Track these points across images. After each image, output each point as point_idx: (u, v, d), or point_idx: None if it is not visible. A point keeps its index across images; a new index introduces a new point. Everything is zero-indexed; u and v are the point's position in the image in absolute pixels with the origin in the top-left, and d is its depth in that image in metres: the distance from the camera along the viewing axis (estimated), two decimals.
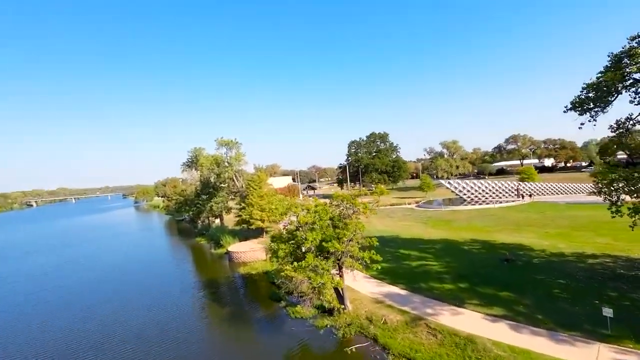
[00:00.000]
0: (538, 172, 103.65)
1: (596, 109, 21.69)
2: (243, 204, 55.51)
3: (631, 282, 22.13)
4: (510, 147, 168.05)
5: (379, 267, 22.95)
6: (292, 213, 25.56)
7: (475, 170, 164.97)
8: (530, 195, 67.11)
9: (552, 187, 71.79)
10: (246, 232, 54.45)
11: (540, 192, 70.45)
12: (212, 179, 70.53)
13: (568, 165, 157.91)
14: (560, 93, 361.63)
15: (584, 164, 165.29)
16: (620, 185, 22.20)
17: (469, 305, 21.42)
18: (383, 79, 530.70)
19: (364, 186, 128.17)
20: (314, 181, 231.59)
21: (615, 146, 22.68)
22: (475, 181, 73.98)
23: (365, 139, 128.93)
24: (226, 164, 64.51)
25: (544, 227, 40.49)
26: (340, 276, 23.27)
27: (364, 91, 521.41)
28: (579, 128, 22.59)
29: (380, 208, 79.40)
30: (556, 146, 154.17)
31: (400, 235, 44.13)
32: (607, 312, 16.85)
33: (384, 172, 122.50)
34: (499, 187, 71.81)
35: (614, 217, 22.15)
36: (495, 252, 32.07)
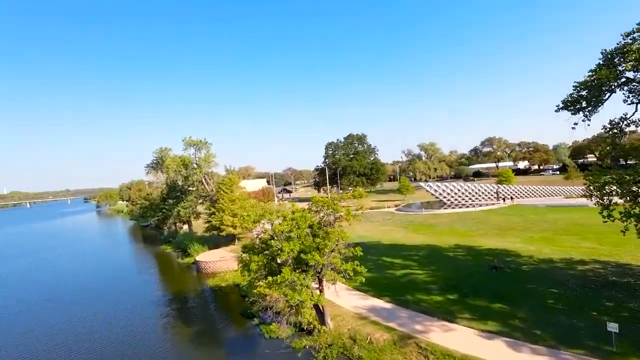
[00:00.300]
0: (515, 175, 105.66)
1: (589, 108, 20.67)
2: (213, 209, 52.32)
3: (625, 289, 21.14)
4: (486, 149, 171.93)
5: (363, 279, 21.01)
6: (266, 220, 23.07)
7: (453, 173, 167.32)
8: (511, 198, 67.48)
9: (530, 190, 72.65)
10: (216, 239, 51.22)
11: (519, 194, 71.06)
12: (179, 182, 66.75)
13: (541, 167, 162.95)
14: (535, 96, 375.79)
15: (554, 166, 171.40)
16: (613, 188, 21.24)
17: (461, 320, 19.66)
18: (360, 79, 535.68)
19: (342, 189, 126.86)
20: (290, 184, 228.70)
21: (608, 147, 21.66)
22: (454, 184, 73.85)
23: (343, 140, 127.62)
24: (195, 165, 61.01)
25: (527, 231, 39.89)
26: (321, 291, 21.03)
27: (340, 91, 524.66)
28: (572, 128, 21.45)
29: (358, 212, 77.87)
30: (530, 149, 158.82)
31: (382, 241, 42.42)
32: (612, 327, 15.45)
33: (362, 174, 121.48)
34: (479, 190, 71.93)
35: (605, 221, 21.16)
36: (481, 258, 30.80)
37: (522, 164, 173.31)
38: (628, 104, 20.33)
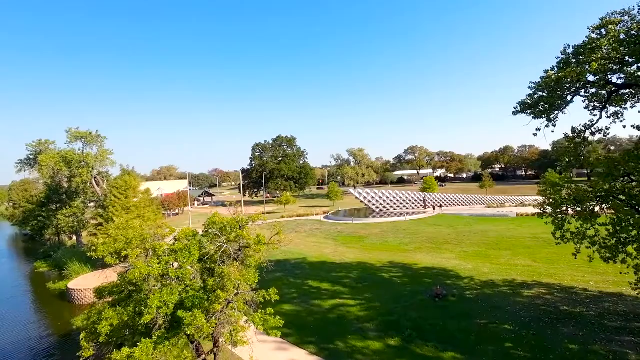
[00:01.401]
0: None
1: (554, 111, 17.75)
2: (100, 219, 41.48)
3: (582, 324, 18.45)
4: (409, 157, 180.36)
5: (281, 323, 14.80)
6: (149, 246, 15.37)
7: (379, 179, 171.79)
8: (440, 207, 67.81)
9: (453, 198, 74.43)
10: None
11: (443, 203, 72.13)
12: (64, 184, 53.34)
13: (455, 175, 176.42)
14: (453, 107, 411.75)
15: (464, 175, 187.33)
16: (569, 206, 18.41)
17: None
18: (290, 81, 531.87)
19: (268, 193, 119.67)
20: (215, 186, 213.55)
21: (569, 159, 19.01)
22: (383, 190, 72.33)
23: (271, 142, 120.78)
24: (83, 163, 48.68)
25: (460, 244, 37.90)
26: (215, 355, 14.30)
27: (270, 94, 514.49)
28: (534, 135, 18.34)
29: (286, 220, 71.66)
30: (447, 158, 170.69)
31: (308, 257, 36.83)
32: None
33: (290, 178, 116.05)
34: (407, 198, 71.33)
35: (558, 243, 18.28)
36: (420, 281, 26.97)
37: (438, 172, 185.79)
38: (590, 110, 17.93)
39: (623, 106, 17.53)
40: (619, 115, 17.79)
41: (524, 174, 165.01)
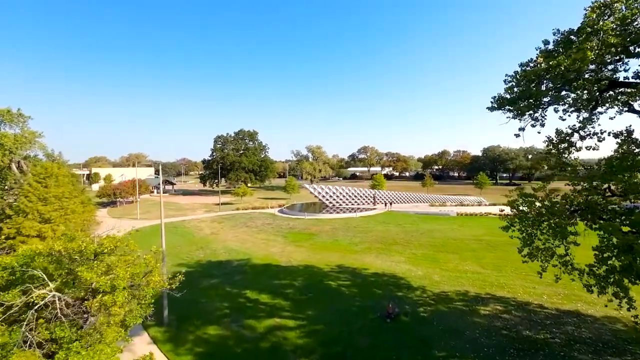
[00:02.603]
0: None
1: (539, 108, 13.19)
2: (10, 210, 31.75)
3: (550, 356, 14.33)
4: (361, 156, 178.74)
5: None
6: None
7: (335, 174, 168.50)
8: (391, 204, 64.23)
9: (400, 196, 71.55)
10: None
11: (390, 200, 68.94)
12: None
13: (400, 174, 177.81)
14: (400, 113, 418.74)
15: (407, 174, 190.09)
16: (543, 220, 14.00)
17: None
18: (256, 76, 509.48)
19: (230, 184, 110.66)
20: (181, 174, 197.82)
21: (552, 168, 14.57)
22: (337, 187, 67.48)
23: (233, 135, 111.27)
24: None
25: (409, 245, 33.63)
26: None
27: (236, 88, 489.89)
28: (516, 136, 13.63)
29: (240, 212, 63.68)
30: (394, 158, 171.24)
31: (253, 258, 30.50)
32: None
33: (250, 170, 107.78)
34: (358, 194, 67.06)
35: (525, 261, 13.89)
36: (370, 292, 21.91)
37: (386, 170, 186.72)
38: (573, 111, 13.60)
39: (610, 107, 13.42)
40: (594, 120, 13.57)
41: (456, 175, 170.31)
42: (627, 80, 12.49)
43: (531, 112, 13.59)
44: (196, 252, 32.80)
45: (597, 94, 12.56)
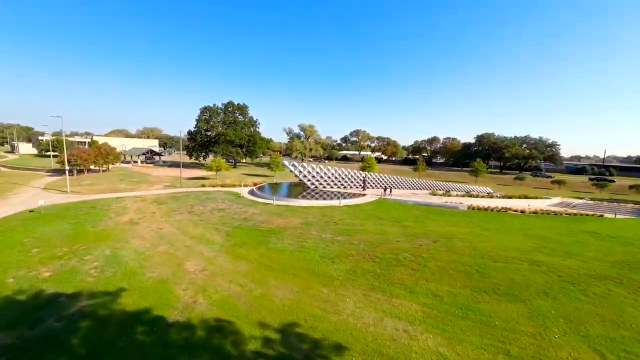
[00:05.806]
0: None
1: None
2: None
3: None
4: (353, 139, 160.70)
5: None
6: None
7: (326, 155, 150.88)
8: (391, 190, 47.55)
9: (394, 181, 54.41)
10: None
11: (384, 185, 52.19)
12: None
13: (390, 158, 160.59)
14: (395, 95, 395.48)
15: (394, 159, 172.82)
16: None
17: None
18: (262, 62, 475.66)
19: (215, 158, 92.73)
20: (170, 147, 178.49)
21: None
22: (322, 166, 50.21)
23: (221, 106, 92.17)
24: None
25: (420, 269, 16.55)
26: None
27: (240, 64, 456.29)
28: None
29: (199, 190, 39.86)
30: (385, 142, 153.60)
31: (136, 288, 13.26)
32: None
33: (239, 145, 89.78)
34: (346, 176, 50.07)
35: None
36: None
37: (377, 154, 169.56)
38: None
39: None
40: None
41: (443, 161, 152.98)
42: None
43: None
44: (52, 263, 16.02)
45: None
